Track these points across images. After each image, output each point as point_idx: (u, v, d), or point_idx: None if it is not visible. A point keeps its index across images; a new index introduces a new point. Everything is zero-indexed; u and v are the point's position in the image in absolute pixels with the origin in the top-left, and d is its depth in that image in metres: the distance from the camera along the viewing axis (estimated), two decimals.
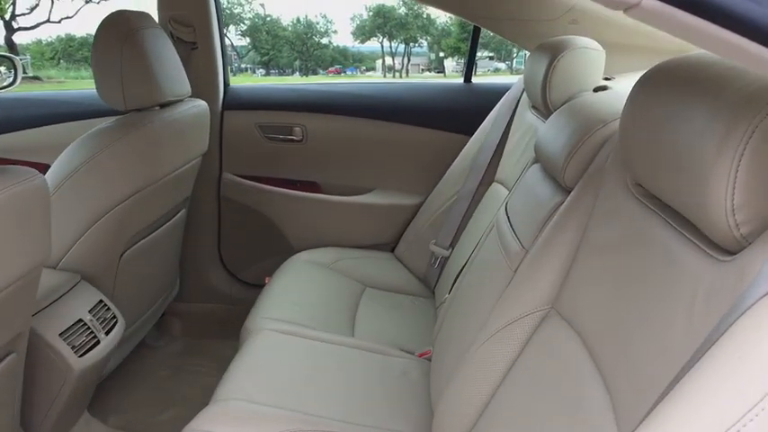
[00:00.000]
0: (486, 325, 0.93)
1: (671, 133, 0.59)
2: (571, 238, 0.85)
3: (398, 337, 1.40)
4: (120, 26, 1.27)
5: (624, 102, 0.73)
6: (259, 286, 1.61)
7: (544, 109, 1.27)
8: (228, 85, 1.90)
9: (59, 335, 1.15)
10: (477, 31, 1.87)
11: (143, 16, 1.34)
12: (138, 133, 1.29)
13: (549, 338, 0.83)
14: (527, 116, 1.47)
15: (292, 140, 1.88)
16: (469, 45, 1.91)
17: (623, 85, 1.21)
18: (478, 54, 1.97)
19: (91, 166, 1.23)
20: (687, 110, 0.57)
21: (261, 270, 1.90)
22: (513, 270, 0.97)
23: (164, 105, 1.41)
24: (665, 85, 0.65)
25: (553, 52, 1.20)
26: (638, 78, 0.71)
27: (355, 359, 1.23)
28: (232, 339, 1.42)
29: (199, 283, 1.97)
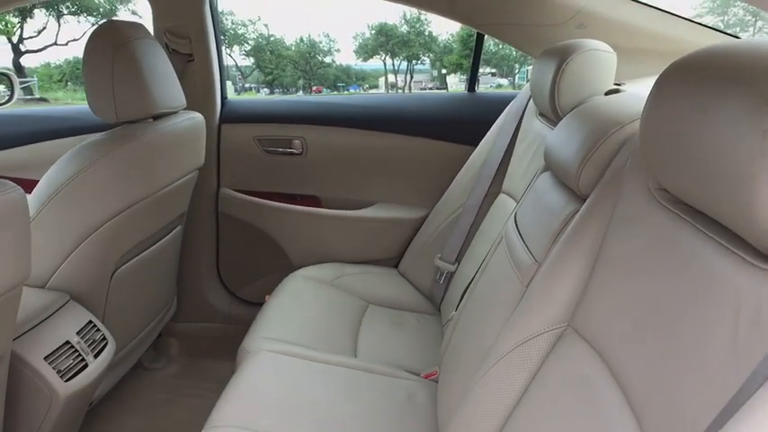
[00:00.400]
0: (497, 344, 0.86)
1: (702, 130, 0.53)
2: (588, 249, 0.79)
3: (403, 356, 1.34)
4: (111, 36, 1.23)
5: (641, 103, 0.68)
6: (259, 304, 1.56)
7: (553, 115, 1.21)
8: (226, 97, 1.86)
9: (44, 358, 1.09)
10: (480, 38, 1.82)
11: (135, 27, 1.30)
12: (130, 146, 1.24)
13: (566, 359, 0.76)
14: (534, 124, 1.41)
15: (292, 153, 1.83)
16: (473, 54, 1.87)
17: (637, 89, 1.16)
18: (480, 71, 1.93)
19: (80, 180, 1.18)
20: (721, 102, 0.51)
21: (260, 288, 1.85)
22: (524, 285, 0.90)
23: (157, 117, 1.37)
24: (692, 77, 0.59)
25: (561, 56, 1.15)
26: (651, 83, 0.65)
27: (357, 381, 1.17)
28: (232, 360, 1.36)
29: (197, 302, 1.92)
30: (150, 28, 1.61)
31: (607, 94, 1.16)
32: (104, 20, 1.31)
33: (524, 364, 0.81)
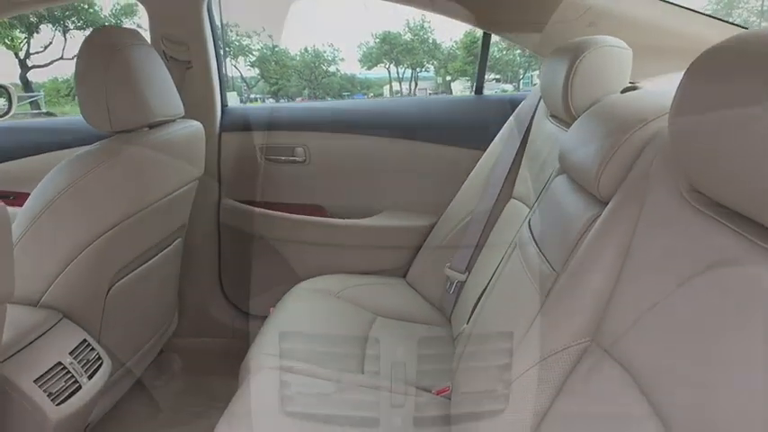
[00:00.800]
0: (514, 360, 0.80)
1: (741, 123, 0.47)
2: (612, 257, 0.72)
3: (413, 372, 1.27)
4: (104, 42, 1.19)
5: (663, 99, 0.62)
6: (263, 318, 1.51)
7: (566, 116, 1.15)
8: (226, 105, 1.82)
9: (34, 381, 1.03)
10: (487, 40, 1.77)
11: (130, 33, 1.26)
12: (125, 156, 1.20)
13: (591, 377, 0.70)
14: (545, 126, 1.36)
15: (294, 162, 1.79)
16: (480, 56, 1.82)
17: (655, 87, 1.10)
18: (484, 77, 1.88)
19: (72, 193, 1.13)
20: (762, 92, 0.46)
21: (264, 300, 1.79)
22: (542, 296, 0.84)
23: (153, 126, 1.32)
24: (727, 67, 0.53)
25: (574, 53, 1.09)
26: (669, 81, 0.59)
27: (364, 399, 1.11)
28: (235, 376, 1.31)
29: (199, 317, 1.87)
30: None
31: (623, 92, 1.10)
32: None
33: (545, 382, 0.75)
